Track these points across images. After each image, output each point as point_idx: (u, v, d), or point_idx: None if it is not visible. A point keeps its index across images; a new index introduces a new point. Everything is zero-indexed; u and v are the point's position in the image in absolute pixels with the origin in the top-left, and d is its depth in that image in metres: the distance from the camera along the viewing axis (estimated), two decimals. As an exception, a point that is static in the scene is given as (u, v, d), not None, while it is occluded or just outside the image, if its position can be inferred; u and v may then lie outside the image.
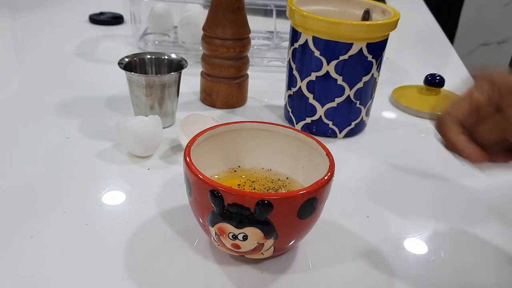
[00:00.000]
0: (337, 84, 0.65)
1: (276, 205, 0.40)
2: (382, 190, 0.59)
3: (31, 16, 1.13)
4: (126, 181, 0.57)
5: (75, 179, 0.56)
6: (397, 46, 1.00)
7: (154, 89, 0.65)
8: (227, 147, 0.51)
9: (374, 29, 0.62)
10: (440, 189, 0.60)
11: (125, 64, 0.66)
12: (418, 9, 1.41)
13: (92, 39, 1.02)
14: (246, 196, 0.40)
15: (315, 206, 0.42)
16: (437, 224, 0.54)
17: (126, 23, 1.11)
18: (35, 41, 1.00)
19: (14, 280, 0.42)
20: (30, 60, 0.91)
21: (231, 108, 0.75)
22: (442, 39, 1.20)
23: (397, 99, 0.81)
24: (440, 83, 0.81)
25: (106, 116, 0.71)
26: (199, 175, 0.41)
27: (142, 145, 0.59)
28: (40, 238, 0.47)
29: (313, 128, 0.69)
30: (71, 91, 0.77)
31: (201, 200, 0.42)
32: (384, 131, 0.73)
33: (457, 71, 1.00)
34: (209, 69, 0.73)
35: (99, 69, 0.88)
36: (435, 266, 0.48)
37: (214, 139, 0.50)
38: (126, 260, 0.45)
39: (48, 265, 0.44)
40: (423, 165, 0.65)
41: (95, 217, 0.51)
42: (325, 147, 0.47)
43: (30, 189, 0.54)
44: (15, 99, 0.75)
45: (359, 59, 0.63)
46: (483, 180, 0.62)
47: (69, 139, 0.64)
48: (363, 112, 0.69)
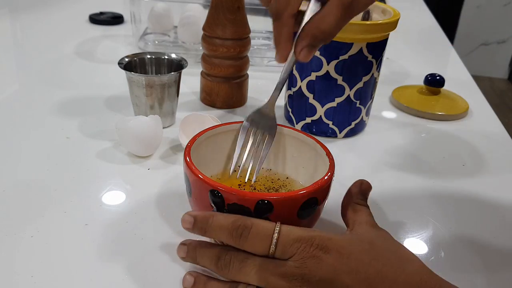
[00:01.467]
0: (337, 84, 0.65)
1: (276, 205, 0.40)
2: (382, 190, 0.59)
3: (31, 16, 1.13)
4: (126, 181, 0.57)
5: (75, 179, 0.56)
6: (397, 46, 1.00)
7: (154, 89, 0.65)
8: (227, 147, 0.51)
9: (374, 29, 0.62)
10: (440, 189, 0.60)
11: (125, 64, 0.66)
12: (418, 9, 1.41)
13: (92, 39, 1.02)
14: (246, 196, 0.40)
15: (315, 206, 0.42)
16: (437, 224, 0.54)
17: (126, 23, 1.11)
18: (35, 41, 1.00)
19: (14, 280, 0.42)
20: (30, 60, 0.91)
21: (231, 108, 0.75)
22: (442, 39, 1.20)
23: (397, 99, 0.81)
24: (440, 83, 0.81)
25: (106, 116, 0.71)
26: (199, 175, 0.41)
27: (142, 145, 0.59)
28: (40, 238, 0.47)
29: (313, 128, 0.69)
30: (71, 91, 0.77)
31: (201, 200, 0.42)
32: (384, 131, 0.73)
33: (457, 71, 1.00)
34: (209, 69, 0.73)
35: (99, 69, 0.88)
36: (435, 266, 0.48)
37: (214, 139, 0.50)
38: (126, 260, 0.45)
39: (48, 265, 0.44)
40: (423, 165, 0.65)
41: (95, 217, 0.51)
42: (325, 147, 0.47)
43: (30, 189, 0.54)
44: (15, 99, 0.75)
45: (359, 59, 0.63)
46: (483, 180, 0.62)
47: (69, 139, 0.64)
48: (363, 112, 0.69)
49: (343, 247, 0.37)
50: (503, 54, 3.03)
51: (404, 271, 0.37)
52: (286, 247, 0.37)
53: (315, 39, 0.42)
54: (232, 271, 0.39)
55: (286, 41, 0.44)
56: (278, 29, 0.44)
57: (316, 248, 0.37)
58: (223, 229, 0.39)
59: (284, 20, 0.43)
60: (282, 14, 0.43)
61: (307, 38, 0.43)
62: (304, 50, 0.43)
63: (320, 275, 0.36)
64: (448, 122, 0.77)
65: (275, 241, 0.38)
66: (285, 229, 0.38)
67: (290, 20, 0.43)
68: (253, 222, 0.39)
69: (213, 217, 0.40)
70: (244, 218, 0.39)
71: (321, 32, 0.42)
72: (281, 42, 0.44)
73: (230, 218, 0.39)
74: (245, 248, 0.39)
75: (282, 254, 0.38)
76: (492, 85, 2.98)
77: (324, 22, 0.41)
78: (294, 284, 0.37)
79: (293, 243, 0.37)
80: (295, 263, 0.37)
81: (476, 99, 0.85)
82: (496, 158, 0.68)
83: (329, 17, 0.41)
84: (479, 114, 0.81)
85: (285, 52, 0.45)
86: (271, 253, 0.38)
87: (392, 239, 0.41)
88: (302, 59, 0.44)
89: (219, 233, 0.40)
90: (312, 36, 0.42)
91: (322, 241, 0.37)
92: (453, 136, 0.73)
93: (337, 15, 0.41)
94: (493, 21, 2.93)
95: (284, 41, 0.44)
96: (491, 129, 0.76)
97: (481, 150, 0.69)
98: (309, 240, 0.37)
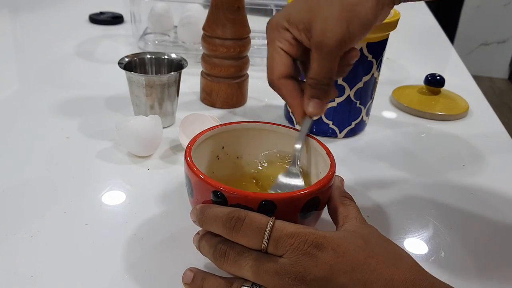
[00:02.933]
0: (337, 84, 0.65)
1: (279, 205, 0.39)
2: (382, 190, 0.59)
3: (31, 16, 1.13)
4: (126, 181, 0.57)
5: (75, 179, 0.56)
6: (397, 46, 1.00)
7: (154, 89, 0.65)
8: (227, 147, 0.51)
9: (374, 29, 0.62)
10: (440, 189, 0.60)
11: (125, 64, 0.66)
12: (418, 9, 1.41)
13: (92, 39, 1.02)
14: (249, 196, 0.40)
15: (318, 205, 0.42)
16: (437, 224, 0.54)
17: (126, 23, 1.11)
18: (35, 41, 1.00)
19: (14, 280, 0.42)
20: (30, 60, 0.91)
21: (231, 108, 0.75)
22: (442, 39, 1.20)
23: (397, 99, 0.81)
24: (440, 83, 0.81)
25: (106, 116, 0.71)
26: (200, 176, 0.41)
27: (142, 145, 0.59)
28: (40, 238, 0.47)
29: (313, 127, 0.69)
30: (71, 91, 0.77)
31: (204, 201, 0.42)
32: (384, 131, 0.73)
33: (457, 71, 1.00)
34: (209, 69, 0.73)
35: (99, 69, 0.88)
36: (435, 266, 0.48)
37: (214, 139, 0.50)
38: (126, 260, 0.45)
39: (48, 265, 0.44)
40: (423, 165, 0.65)
41: (95, 217, 0.51)
42: (325, 147, 0.47)
43: (30, 189, 0.54)
44: (15, 99, 0.75)
45: (359, 59, 0.63)
46: (483, 180, 0.62)
47: (69, 139, 0.64)
48: (363, 112, 0.69)
49: (338, 245, 0.37)
50: (503, 54, 3.03)
51: (398, 268, 0.37)
52: (279, 242, 0.37)
53: (312, 88, 0.45)
54: (227, 262, 0.39)
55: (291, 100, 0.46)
56: (280, 94, 0.47)
57: (311, 246, 0.37)
58: (217, 220, 0.39)
59: (276, 83, 0.46)
60: (272, 80, 0.46)
61: (307, 91, 0.45)
62: (310, 103, 0.45)
63: (315, 274, 0.36)
64: (448, 122, 0.77)
65: (268, 235, 0.38)
66: (279, 224, 0.38)
67: (281, 81, 0.46)
68: (247, 215, 0.39)
69: (210, 208, 0.40)
70: (239, 210, 0.39)
71: (313, 79, 0.44)
72: (288, 104, 0.47)
73: (226, 210, 0.39)
74: (238, 240, 0.39)
75: (275, 250, 0.38)
76: (492, 85, 2.98)
77: (311, 69, 0.44)
78: (288, 282, 0.36)
79: (286, 238, 0.37)
80: (290, 260, 0.37)
81: (476, 99, 0.85)
82: (496, 158, 0.68)
83: (313, 63, 0.44)
84: (479, 114, 0.81)
85: (296, 112, 0.46)
86: (264, 247, 0.38)
87: (382, 235, 0.41)
88: (312, 112, 0.46)
89: (214, 224, 0.40)
90: (310, 86, 0.45)
91: (317, 238, 0.37)
92: (453, 136, 0.73)
93: (317, 59, 0.43)
94: (493, 21, 2.93)
95: (290, 101, 0.46)
96: (491, 129, 0.76)
97: (481, 150, 0.69)
98: (303, 236, 0.37)
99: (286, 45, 0.45)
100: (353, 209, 0.43)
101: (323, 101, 0.45)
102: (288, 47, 0.45)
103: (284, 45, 0.45)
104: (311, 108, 0.45)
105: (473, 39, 2.98)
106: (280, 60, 0.45)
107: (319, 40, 0.42)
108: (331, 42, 0.42)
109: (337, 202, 0.44)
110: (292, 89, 0.46)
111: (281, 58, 0.45)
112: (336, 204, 0.44)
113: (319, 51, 0.43)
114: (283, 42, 0.45)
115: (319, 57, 0.43)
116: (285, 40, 0.45)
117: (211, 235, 0.41)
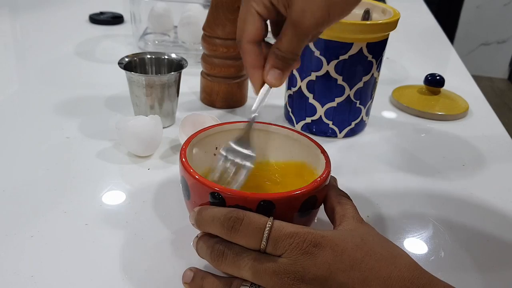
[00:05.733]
0: (337, 84, 0.65)
1: (278, 204, 0.40)
2: (382, 190, 0.59)
3: (31, 16, 1.13)
4: (126, 181, 0.57)
5: (75, 179, 0.56)
6: (397, 46, 1.00)
7: (154, 89, 0.65)
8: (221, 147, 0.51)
9: (374, 29, 0.62)
10: (440, 189, 0.60)
11: (125, 64, 0.66)
12: (418, 9, 1.41)
13: (92, 39, 1.02)
14: (248, 197, 0.40)
15: (315, 204, 0.43)
16: (437, 224, 0.54)
17: (126, 23, 1.11)
18: (35, 41, 1.00)
19: (14, 280, 0.42)
20: (30, 60, 0.91)
21: (231, 108, 0.75)
22: (442, 39, 1.20)
23: (397, 99, 0.81)
24: (440, 83, 0.81)
25: (106, 116, 0.71)
26: (196, 177, 0.41)
27: (142, 145, 0.59)
28: (40, 238, 0.47)
29: (313, 128, 0.69)
30: (71, 91, 0.77)
31: (201, 203, 0.42)
32: (384, 131, 0.73)
33: (457, 71, 1.00)
34: (209, 69, 0.73)
35: (99, 69, 0.88)
36: (435, 266, 0.48)
37: (209, 140, 0.50)
38: (126, 260, 0.45)
39: (48, 265, 0.44)
40: (423, 165, 0.65)
41: (95, 217, 0.51)
42: (320, 146, 0.47)
43: (30, 189, 0.54)
44: (15, 99, 0.75)
45: (359, 59, 0.63)
46: (483, 180, 0.62)
47: (69, 139, 0.64)
48: (363, 112, 0.69)
49: (336, 244, 0.37)
50: (503, 54, 3.03)
51: (396, 266, 0.37)
52: (278, 242, 0.37)
53: (277, 59, 0.43)
54: (225, 263, 0.39)
55: (252, 68, 0.44)
56: (243, 58, 0.45)
57: (309, 245, 0.37)
58: (215, 220, 0.39)
59: (243, 47, 0.44)
60: (240, 41, 0.44)
61: (270, 59, 0.43)
62: (271, 72, 0.44)
63: (314, 273, 0.36)
64: (448, 122, 0.77)
65: (267, 235, 0.38)
66: (277, 224, 0.38)
67: (248, 46, 0.44)
68: (245, 215, 0.38)
69: (207, 209, 0.40)
70: (238, 211, 0.39)
71: (281, 51, 0.43)
72: (248, 70, 0.45)
73: (224, 210, 0.39)
74: (237, 241, 0.39)
75: (274, 250, 0.38)
76: (492, 85, 2.98)
77: (281, 42, 0.42)
78: (287, 281, 0.36)
79: (285, 238, 0.37)
80: (288, 260, 0.37)
81: (476, 99, 0.85)
82: (496, 158, 0.68)
83: (284, 37, 0.42)
84: (479, 114, 0.81)
85: (254, 80, 0.45)
86: (263, 247, 0.38)
87: (380, 234, 0.41)
88: (271, 82, 0.44)
89: (212, 225, 0.40)
90: (275, 56, 0.43)
91: (315, 237, 0.37)
92: (453, 136, 0.73)
93: (289, 35, 0.42)
94: (493, 21, 2.93)
95: (251, 68, 0.44)
96: (491, 129, 0.76)
97: (481, 150, 0.69)
98: (302, 236, 0.37)
99: (261, 7, 0.43)
100: (350, 208, 0.43)
101: (284, 73, 0.44)
102: (263, 9, 0.43)
103: (259, 8, 0.43)
104: (271, 77, 0.44)
105: (473, 39, 2.98)
106: (253, 23, 0.43)
107: (297, 19, 0.41)
108: (309, 23, 0.41)
109: (334, 201, 0.44)
110: (256, 58, 0.44)
111: (254, 20, 0.43)
112: (333, 204, 0.44)
113: (294, 29, 0.41)
114: (259, 4, 0.43)
115: (292, 34, 0.42)
116: (261, 2, 0.43)
117: (209, 236, 0.41)
